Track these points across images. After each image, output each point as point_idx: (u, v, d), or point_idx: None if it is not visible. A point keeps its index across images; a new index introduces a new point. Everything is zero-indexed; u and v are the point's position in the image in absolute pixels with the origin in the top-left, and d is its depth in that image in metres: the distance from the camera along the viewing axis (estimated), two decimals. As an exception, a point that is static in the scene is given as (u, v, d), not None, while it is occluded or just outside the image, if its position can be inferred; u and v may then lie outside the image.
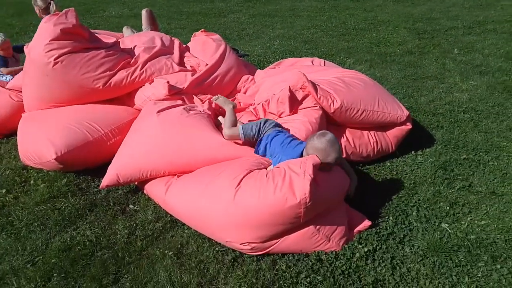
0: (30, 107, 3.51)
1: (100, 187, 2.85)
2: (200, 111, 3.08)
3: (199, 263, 2.33)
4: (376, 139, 3.13)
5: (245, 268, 2.29)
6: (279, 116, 2.90)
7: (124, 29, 5.23)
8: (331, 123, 3.01)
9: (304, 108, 2.84)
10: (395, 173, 3.16)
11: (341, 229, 2.42)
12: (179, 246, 2.46)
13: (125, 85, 3.49)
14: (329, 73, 3.33)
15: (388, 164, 3.26)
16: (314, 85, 2.88)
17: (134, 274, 2.27)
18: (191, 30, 6.55)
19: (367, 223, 2.53)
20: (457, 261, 2.31)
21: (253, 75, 4.01)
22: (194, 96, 3.43)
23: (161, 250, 2.42)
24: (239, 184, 2.33)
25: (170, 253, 2.38)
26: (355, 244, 2.43)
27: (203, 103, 3.38)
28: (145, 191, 2.92)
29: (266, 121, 2.71)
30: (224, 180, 2.42)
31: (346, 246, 2.41)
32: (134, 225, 2.65)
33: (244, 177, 2.38)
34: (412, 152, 3.40)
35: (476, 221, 2.63)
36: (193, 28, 5.50)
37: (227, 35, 7.01)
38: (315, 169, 2.23)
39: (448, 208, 2.75)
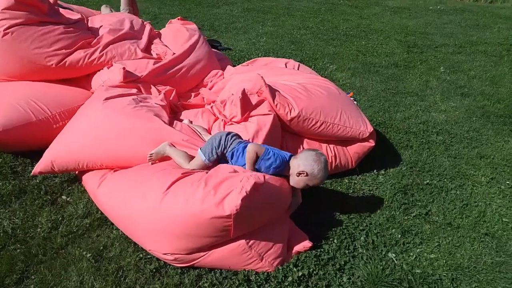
0: (-21, 78, 3.24)
1: (32, 173, 2.60)
2: (152, 104, 2.83)
3: (117, 270, 2.10)
4: (335, 153, 2.91)
5: (165, 281, 2.06)
6: (230, 120, 2.66)
7: (103, 7, 4.95)
8: (288, 131, 2.78)
9: (258, 115, 2.60)
10: (351, 191, 2.95)
11: (277, 248, 2.20)
12: (102, 248, 2.22)
13: (81, 67, 3.23)
14: (295, 78, 3.09)
15: (346, 181, 3.04)
16: (272, 91, 2.65)
17: (42, 275, 2.03)
18: (178, 17, 6.26)
19: (307, 244, 2.31)
20: (395, 297, 2.11)
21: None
22: (152, 86, 3.18)
23: (80, 251, 2.18)
24: (168, 188, 2.10)
25: (89, 255, 2.15)
26: (291, 266, 2.21)
27: (164, 92, 3.13)
28: (82, 182, 2.68)
29: (227, 134, 2.40)
30: (155, 181, 2.19)
31: (280, 267, 2.19)
32: (60, 218, 2.41)
33: (177, 180, 2.14)
34: (375, 171, 3.19)
35: (425, 254, 2.42)
36: (183, 16, 5.23)
37: (215, 27, 6.74)
38: (255, 189, 2.00)
39: (399, 236, 2.55)
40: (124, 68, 3.03)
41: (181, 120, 2.88)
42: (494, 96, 4.82)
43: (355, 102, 4.26)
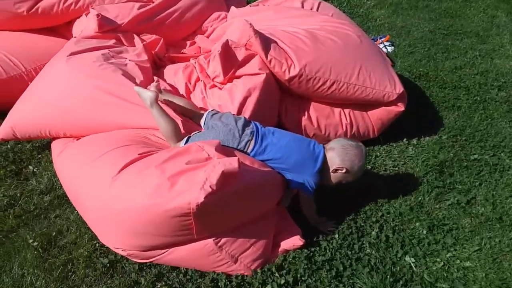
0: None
1: (-5, 140, 2.27)
2: (125, 61, 2.29)
3: (66, 263, 1.75)
4: (351, 120, 2.24)
5: (117, 280, 1.68)
6: (213, 81, 2.06)
7: None
8: (289, 93, 2.14)
9: (246, 75, 1.96)
10: (369, 167, 2.30)
11: (257, 249, 1.70)
12: (55, 233, 1.87)
13: (57, 13, 2.72)
14: (305, 22, 2.34)
15: (366, 153, 2.40)
16: (265, 42, 1.97)
17: (-18, 264, 1.74)
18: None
19: (297, 242, 1.78)
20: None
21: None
22: (135, 36, 2.61)
23: (30, 235, 1.85)
24: (119, 172, 1.63)
25: (36, 243, 1.81)
26: (273, 269, 1.71)
27: (143, 44, 2.55)
28: (52, 149, 2.30)
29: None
30: (108, 161, 1.72)
31: (259, 271, 1.71)
32: (19, 194, 2.08)
33: (131, 162, 1.66)
34: (404, 140, 2.48)
35: (458, 261, 1.80)
36: None
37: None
38: (224, 181, 1.45)
39: (425, 232, 1.92)
40: (99, 15, 2.48)
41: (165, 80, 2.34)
42: None
43: (388, 49, 3.42)
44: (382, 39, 3.42)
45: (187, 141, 1.78)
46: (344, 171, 1.80)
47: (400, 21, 3.92)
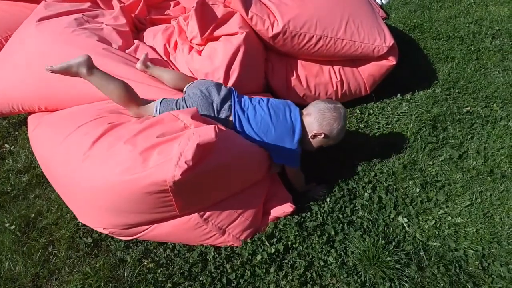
0: None
1: (-35, 119, 2.10)
2: (103, 25, 2.08)
3: (46, 246, 1.65)
4: (341, 77, 2.08)
5: (101, 260, 1.59)
6: (190, 42, 1.87)
7: None
8: (276, 52, 1.96)
9: (225, 35, 1.77)
10: (362, 126, 2.18)
11: (245, 218, 1.61)
12: (34, 214, 1.76)
13: (30, -25, 2.46)
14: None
15: (358, 111, 2.25)
16: (245, -3, 1.77)
17: (-41, 252, 1.64)
18: None
19: (288, 208, 1.69)
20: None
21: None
22: (114, -3, 2.37)
23: (7, 219, 1.74)
24: (91, 147, 1.49)
25: (13, 227, 1.70)
26: (263, 238, 1.63)
27: (120, 6, 2.33)
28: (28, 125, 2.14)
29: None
30: (81, 135, 1.58)
31: (249, 241, 1.63)
32: (-5, 175, 1.96)
33: (102, 135, 1.51)
34: (398, 95, 2.33)
35: (449, 217, 1.72)
36: None
37: None
38: (199, 153, 1.31)
39: (418, 190, 1.83)
40: (71, -25, 2.23)
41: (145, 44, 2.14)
42: None
43: (383, 1, 3.19)
44: (374, -12, 3.18)
45: (161, 105, 1.62)
46: (322, 136, 1.69)
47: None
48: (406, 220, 1.71)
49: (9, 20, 2.46)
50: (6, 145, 2.14)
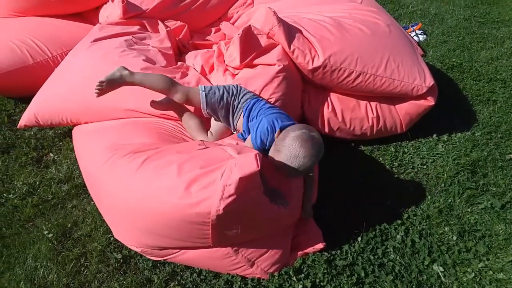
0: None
1: (18, 126, 2.17)
2: (150, 47, 2.13)
3: (79, 257, 1.64)
4: (378, 114, 2.01)
5: (129, 277, 1.56)
6: (227, 65, 1.87)
7: None
8: (313, 84, 1.92)
9: (262, 65, 1.75)
10: (396, 164, 2.08)
11: (275, 252, 1.54)
12: (71, 225, 1.77)
13: (84, -1, 2.59)
14: (332, 10, 2.10)
15: (392, 149, 2.16)
16: (288, 31, 1.75)
17: (-2, 255, 1.66)
18: None
19: (318, 245, 1.61)
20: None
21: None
22: (160, 22, 2.44)
23: (46, 226, 1.76)
24: (140, 166, 1.46)
25: (50, 235, 1.71)
26: (290, 273, 1.55)
27: (167, 31, 2.38)
28: (72, 136, 2.19)
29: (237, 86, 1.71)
30: (128, 153, 1.56)
31: (276, 274, 1.56)
32: (38, 182, 1.98)
33: (152, 156, 1.49)
34: (434, 136, 2.23)
35: (491, 272, 1.59)
36: None
37: None
38: (241, 185, 1.26)
39: (455, 238, 1.71)
40: (124, 1, 2.32)
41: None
42: None
43: (420, 38, 3.11)
44: (414, 27, 3.11)
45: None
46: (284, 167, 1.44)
47: (433, 8, 3.57)
48: (442, 269, 1.59)
49: (64, 37, 2.57)
50: (51, 154, 2.19)
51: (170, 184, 1.36)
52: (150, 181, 1.39)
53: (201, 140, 1.67)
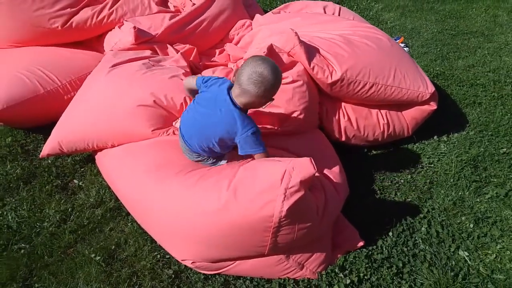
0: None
1: (40, 156, 2.18)
2: (167, 67, 2.25)
3: (130, 276, 1.69)
4: (388, 120, 2.23)
5: (185, 291, 1.64)
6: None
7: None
8: (328, 96, 2.12)
9: (286, 84, 1.92)
10: (407, 164, 2.30)
11: (320, 254, 1.68)
12: (114, 246, 1.81)
13: (90, 27, 2.64)
14: (336, 27, 2.33)
15: (401, 151, 2.39)
16: (308, 50, 1.95)
17: (46, 283, 1.67)
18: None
19: (359, 242, 1.77)
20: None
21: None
22: (169, 46, 2.56)
23: (90, 250, 1.79)
24: (198, 180, 1.58)
25: (98, 257, 1.75)
26: (336, 270, 1.69)
27: (181, 52, 2.51)
28: (96, 162, 2.24)
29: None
30: (179, 172, 1.67)
31: (323, 273, 1.69)
32: (70, 209, 2.01)
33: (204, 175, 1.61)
34: (435, 137, 2.49)
35: (508, 252, 1.81)
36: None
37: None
38: (301, 187, 1.39)
39: (471, 226, 1.93)
40: (135, 28, 2.42)
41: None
42: None
43: (406, 49, 3.43)
44: (397, 41, 3.43)
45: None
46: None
47: (409, 23, 3.95)
48: (466, 253, 1.79)
49: (71, 65, 2.61)
50: (75, 181, 2.21)
51: (232, 195, 1.47)
52: (211, 193, 1.50)
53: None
